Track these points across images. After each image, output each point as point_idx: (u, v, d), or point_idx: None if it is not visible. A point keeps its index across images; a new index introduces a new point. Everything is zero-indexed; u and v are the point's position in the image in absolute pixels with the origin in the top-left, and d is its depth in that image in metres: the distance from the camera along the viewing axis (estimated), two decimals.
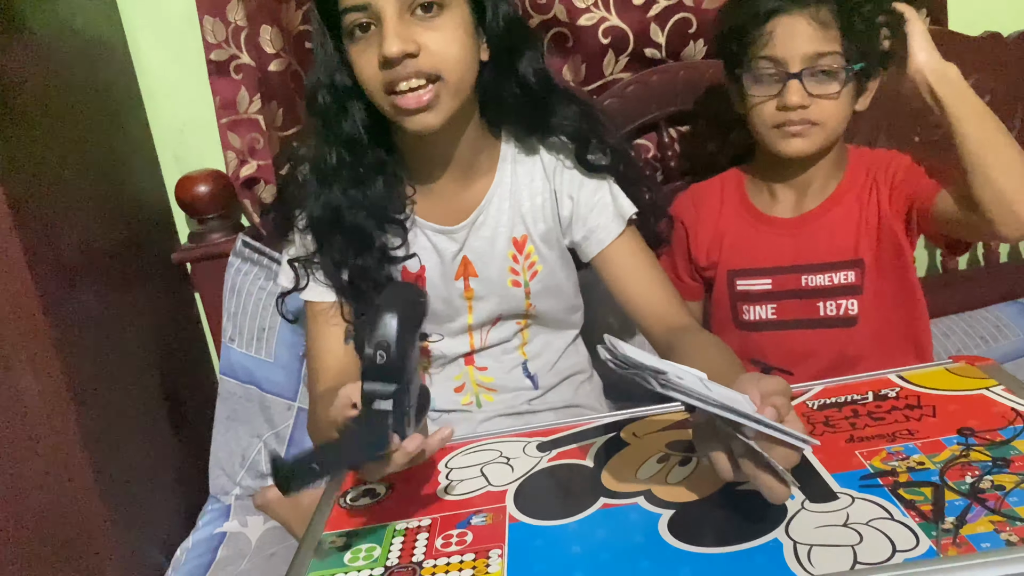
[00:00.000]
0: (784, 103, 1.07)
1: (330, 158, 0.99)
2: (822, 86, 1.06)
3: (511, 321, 1.10)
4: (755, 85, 1.10)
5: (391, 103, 0.92)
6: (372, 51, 0.90)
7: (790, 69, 1.06)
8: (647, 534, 0.70)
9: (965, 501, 0.67)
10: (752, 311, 1.20)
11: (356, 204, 0.99)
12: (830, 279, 1.15)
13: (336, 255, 1.01)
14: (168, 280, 1.52)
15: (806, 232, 1.17)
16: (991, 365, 0.90)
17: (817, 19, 1.04)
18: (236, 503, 1.38)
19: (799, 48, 1.05)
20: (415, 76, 0.90)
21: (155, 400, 1.41)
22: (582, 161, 1.04)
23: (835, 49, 1.05)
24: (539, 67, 1.01)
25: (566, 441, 0.89)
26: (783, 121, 1.08)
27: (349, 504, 0.84)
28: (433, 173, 1.03)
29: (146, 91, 1.52)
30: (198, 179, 1.45)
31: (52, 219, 1.18)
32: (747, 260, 1.20)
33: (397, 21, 0.88)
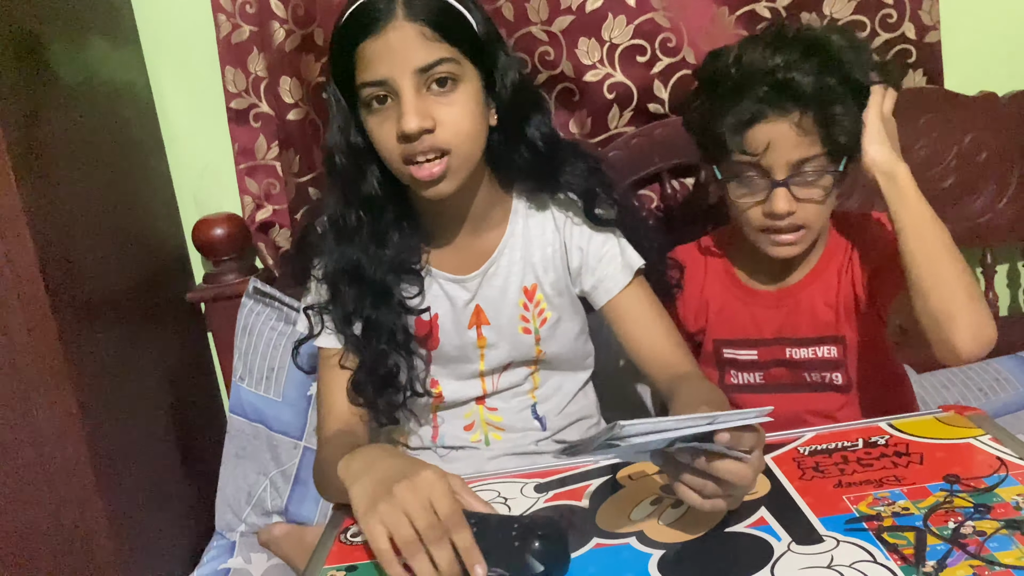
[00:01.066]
0: (771, 210, 1.03)
1: (349, 217, 1.02)
2: (808, 190, 1.03)
3: (522, 367, 1.13)
4: (739, 188, 1.06)
5: (408, 173, 0.95)
6: (390, 123, 0.93)
7: (775, 176, 1.02)
8: (638, 573, 0.72)
9: (947, 546, 0.69)
10: (740, 376, 1.20)
11: (375, 259, 1.03)
12: (814, 352, 1.15)
13: (351, 306, 1.03)
14: (182, 319, 1.56)
15: (789, 306, 1.15)
16: (979, 415, 0.92)
17: (800, 125, 1.00)
18: (241, 540, 1.39)
19: (784, 155, 1.01)
20: (430, 150, 0.93)
21: (165, 436, 1.44)
22: (590, 215, 1.07)
23: (818, 152, 1.01)
24: (547, 131, 1.04)
25: (563, 483, 0.91)
26: (770, 226, 1.06)
27: (350, 540, 0.86)
28: (447, 228, 1.07)
29: (168, 136, 1.58)
30: (215, 222, 1.50)
31: (74, 258, 1.22)
32: (733, 331, 1.19)
33: (415, 97, 0.91)
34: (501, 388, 1.13)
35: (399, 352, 1.05)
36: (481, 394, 1.12)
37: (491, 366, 1.11)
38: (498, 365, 1.11)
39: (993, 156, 1.51)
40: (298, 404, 1.42)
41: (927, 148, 1.50)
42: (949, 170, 1.52)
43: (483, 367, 1.11)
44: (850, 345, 1.14)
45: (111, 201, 1.37)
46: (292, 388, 1.43)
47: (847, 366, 1.14)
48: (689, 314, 1.22)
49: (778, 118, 1.00)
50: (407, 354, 1.06)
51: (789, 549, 0.72)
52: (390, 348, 1.04)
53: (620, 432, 0.70)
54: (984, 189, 1.53)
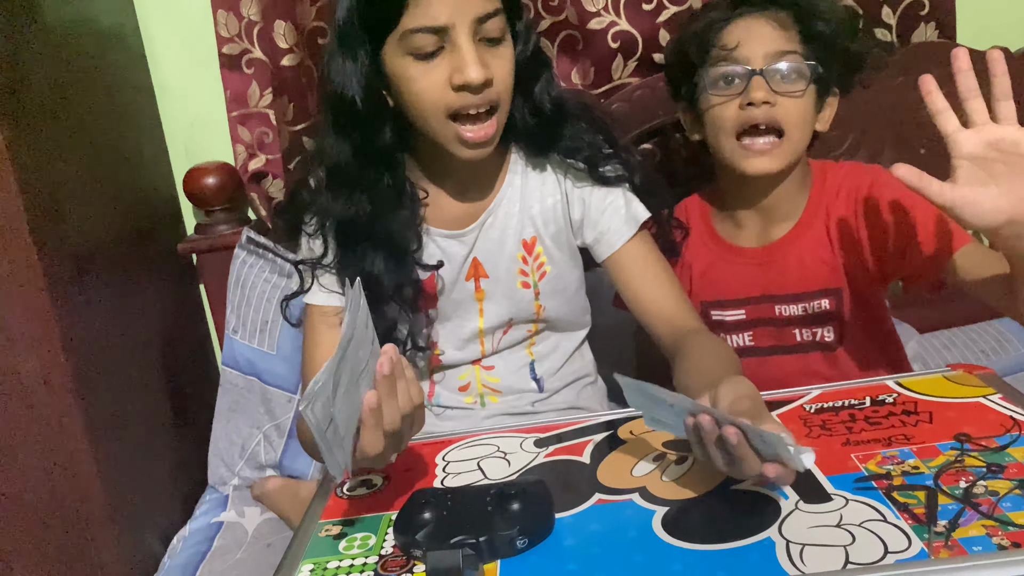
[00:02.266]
0: (749, 99, 1.03)
1: (367, 171, 0.98)
2: (786, 84, 1.04)
3: (522, 328, 1.11)
4: (716, 90, 1.07)
5: (454, 132, 0.92)
6: (438, 73, 0.89)
7: (752, 66, 1.04)
8: (641, 530, 0.70)
9: (958, 505, 0.67)
10: (730, 339, 1.18)
11: (391, 215, 1.00)
12: (804, 309, 1.13)
13: (363, 263, 1.00)
14: (174, 270, 1.53)
15: (776, 262, 1.13)
16: (989, 374, 0.90)
17: (777, 19, 1.04)
18: (234, 493, 1.38)
19: (761, 47, 1.04)
20: (484, 104, 0.90)
21: (157, 389, 1.42)
22: (594, 176, 1.05)
23: (796, 49, 1.04)
24: (554, 93, 1.01)
25: (563, 438, 0.90)
26: (747, 121, 1.04)
27: (346, 494, 0.84)
28: (445, 180, 1.04)
29: (158, 83, 1.53)
30: (207, 171, 1.46)
31: (61, 207, 1.19)
32: (719, 291, 1.17)
33: (474, 47, 0.88)
34: (501, 348, 1.11)
35: (404, 307, 1.03)
36: (479, 356, 1.10)
37: (491, 324, 1.08)
38: (498, 323, 1.09)
39: None
40: (292, 357, 1.40)
41: None
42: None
43: (483, 324, 1.08)
44: (843, 295, 1.12)
45: (99, 149, 1.33)
46: (286, 341, 1.41)
47: (840, 320, 1.12)
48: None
49: (755, 14, 1.05)
50: (413, 310, 1.03)
51: (797, 507, 0.70)
52: (396, 303, 1.02)
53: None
54: None
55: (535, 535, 0.71)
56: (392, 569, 0.70)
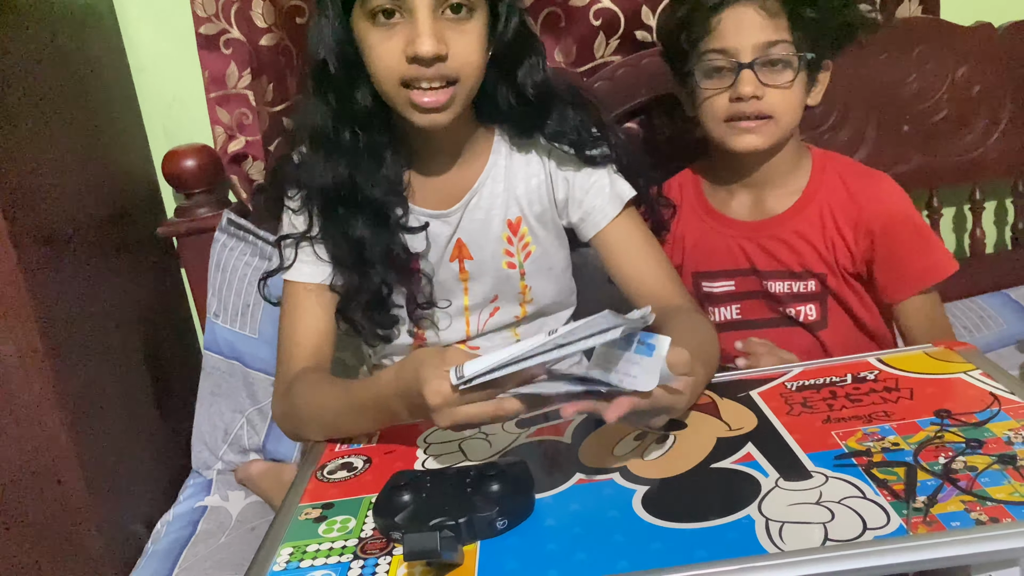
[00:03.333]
0: (737, 94, 1.04)
1: (342, 133, 0.97)
2: (774, 75, 1.04)
3: (509, 314, 1.10)
4: (706, 79, 1.08)
5: (405, 97, 0.91)
6: (395, 42, 0.88)
7: (741, 59, 1.04)
8: (621, 509, 0.70)
9: (937, 481, 0.67)
10: (718, 312, 1.19)
11: (371, 177, 0.98)
12: (790, 287, 1.14)
13: (344, 228, 0.99)
14: (154, 254, 1.51)
15: (766, 239, 1.14)
16: (970, 350, 0.90)
17: (765, 8, 1.03)
18: (218, 477, 1.38)
19: (749, 38, 1.03)
20: (437, 78, 0.89)
21: (138, 373, 1.41)
22: (580, 157, 1.04)
23: (785, 38, 1.03)
24: (539, 78, 1.00)
25: (546, 418, 0.89)
26: (736, 113, 1.06)
27: (326, 477, 0.84)
28: (427, 158, 1.03)
29: (135, 64, 1.51)
30: (185, 153, 1.44)
31: (35, 188, 1.17)
32: (709, 262, 1.18)
33: (431, 19, 0.87)
34: (488, 330, 1.10)
35: (397, 272, 1.02)
36: (464, 336, 1.10)
37: (476, 301, 1.08)
38: (483, 300, 1.08)
39: (986, 90, 1.48)
40: (275, 341, 1.37)
41: (919, 81, 1.47)
42: (941, 104, 1.49)
43: (467, 302, 1.08)
44: (829, 280, 1.12)
45: (75, 131, 1.31)
46: (268, 324, 1.39)
47: (823, 301, 1.13)
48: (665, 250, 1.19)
49: (744, 2, 1.04)
50: (402, 273, 1.02)
51: (777, 485, 0.70)
52: (386, 268, 1.01)
53: (462, 375, 0.71)
54: (975, 124, 1.51)
55: (515, 516, 0.70)
56: (372, 552, 0.70)
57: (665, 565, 0.62)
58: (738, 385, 0.90)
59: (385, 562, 0.68)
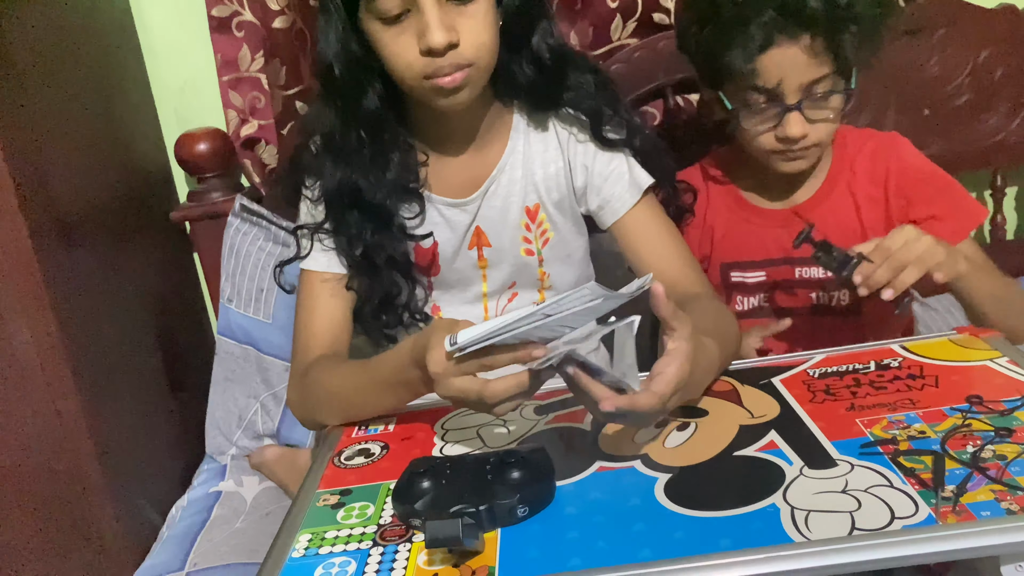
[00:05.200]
0: (785, 135, 1.01)
1: (348, 137, 0.97)
2: (820, 111, 1.01)
3: (528, 298, 1.09)
4: (748, 113, 1.04)
5: (430, 87, 0.90)
6: (407, 37, 0.87)
7: (788, 101, 1.00)
8: (643, 497, 0.69)
9: (966, 470, 0.66)
10: (746, 301, 1.17)
11: (375, 183, 0.98)
12: (825, 272, 1.10)
13: (353, 231, 0.99)
14: (167, 239, 1.51)
15: (799, 224, 1.10)
16: (995, 337, 0.89)
17: (811, 48, 0.97)
18: (232, 463, 1.38)
19: (795, 79, 0.99)
20: (453, 67, 0.88)
21: (152, 359, 1.40)
22: (597, 136, 1.03)
23: (828, 72, 0.99)
24: (553, 42, 0.98)
25: (564, 405, 0.88)
26: (784, 150, 1.04)
27: (344, 463, 0.83)
28: (446, 144, 1.02)
29: (147, 47, 1.50)
30: (198, 137, 1.43)
31: (49, 173, 1.16)
32: (740, 253, 1.16)
33: (438, 9, 0.86)
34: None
35: (401, 277, 1.02)
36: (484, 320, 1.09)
37: (494, 287, 1.07)
38: (501, 287, 1.07)
39: (1009, 73, 1.46)
40: (288, 326, 1.35)
41: (940, 64, 1.45)
42: (963, 88, 1.47)
43: (486, 288, 1.07)
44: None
45: (88, 115, 1.31)
46: (282, 310, 1.39)
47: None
48: (693, 242, 1.17)
49: (788, 43, 0.97)
50: (409, 280, 1.02)
51: (801, 473, 0.69)
52: (391, 272, 1.00)
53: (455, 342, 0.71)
54: (998, 108, 1.48)
55: (536, 503, 0.70)
56: (391, 538, 0.69)
57: (689, 554, 0.61)
58: (759, 372, 0.89)
59: (405, 549, 0.67)
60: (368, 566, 0.66)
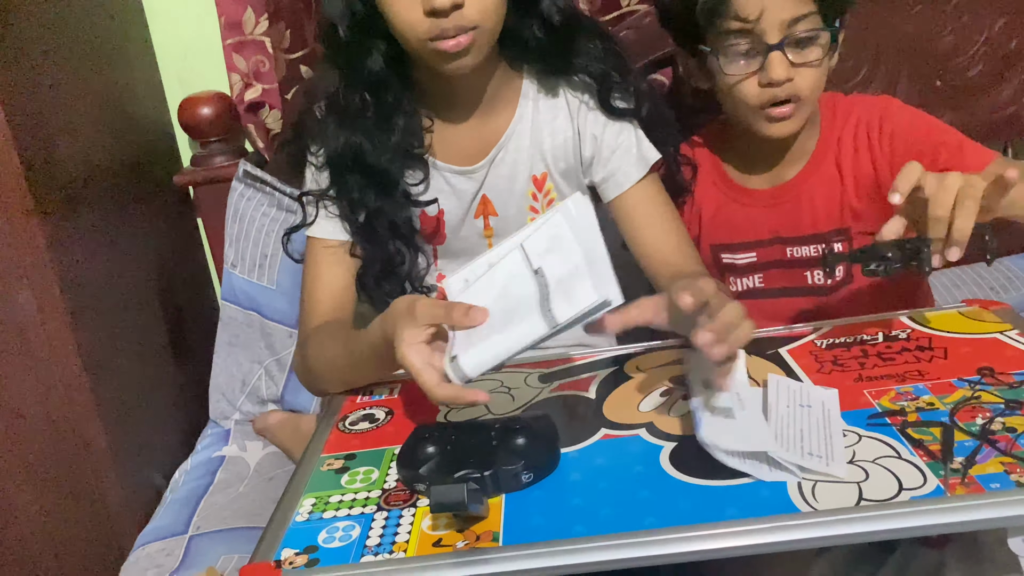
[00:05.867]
0: (769, 79, 0.96)
1: (352, 99, 0.95)
2: (804, 53, 0.97)
3: None
4: (729, 64, 0.99)
5: (432, 50, 0.88)
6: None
7: (768, 40, 0.95)
8: (648, 465, 0.69)
9: (975, 442, 0.66)
10: (739, 283, 1.15)
11: (379, 146, 0.97)
12: (816, 250, 1.09)
13: (356, 195, 0.98)
14: (170, 203, 1.50)
15: (786, 203, 1.09)
16: (1006, 309, 0.88)
17: None
18: (236, 428, 1.38)
19: (775, 15, 0.94)
20: (456, 29, 0.86)
21: (155, 323, 1.40)
22: (605, 104, 1.01)
23: (811, 10, 0.95)
24: (563, 3, 0.96)
25: (569, 373, 0.88)
26: (769, 99, 0.99)
27: (348, 428, 0.83)
28: (453, 109, 1.00)
29: (149, 10, 1.48)
30: (201, 101, 1.42)
31: (51, 137, 1.15)
32: (729, 234, 1.14)
33: None
34: None
35: (403, 244, 1.00)
36: None
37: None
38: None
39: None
40: (292, 292, 1.38)
41: (955, 34, 1.43)
42: (976, 58, 1.45)
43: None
44: (856, 234, 1.08)
45: (90, 78, 1.29)
46: (286, 276, 1.38)
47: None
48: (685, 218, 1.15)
49: None
50: (411, 248, 1.01)
51: None
52: (393, 239, 0.99)
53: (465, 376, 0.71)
54: (1012, 79, 1.46)
55: (540, 470, 0.69)
56: (395, 503, 0.69)
57: (694, 522, 0.61)
58: (767, 343, 0.88)
59: (409, 514, 0.67)
60: (372, 531, 0.66)
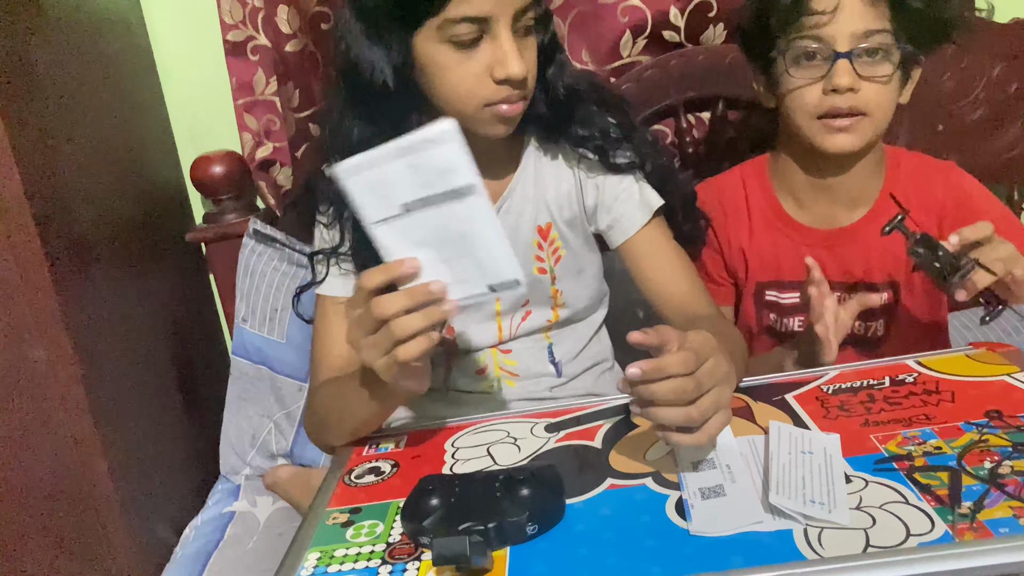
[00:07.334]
0: (832, 85, 0.97)
1: None
2: (873, 68, 0.97)
3: (541, 318, 1.09)
4: (795, 67, 1.00)
5: (489, 114, 0.90)
6: (474, 63, 0.87)
7: (838, 47, 0.96)
8: (654, 514, 0.69)
9: (983, 486, 0.65)
10: (780, 322, 1.14)
11: None
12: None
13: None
14: (182, 259, 1.52)
15: (842, 247, 1.09)
16: (1013, 351, 0.88)
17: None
18: (246, 483, 1.38)
19: (848, 24, 0.96)
20: (520, 97, 0.90)
21: (167, 378, 1.41)
22: (606, 162, 1.03)
23: (886, 27, 0.96)
24: (567, 79, 0.99)
25: (575, 423, 0.88)
26: (829, 108, 0.99)
27: (354, 482, 0.83)
28: None
29: (163, 71, 1.52)
30: (213, 159, 1.45)
31: (65, 195, 1.17)
32: (777, 271, 1.12)
33: (513, 40, 0.87)
34: (520, 335, 1.09)
35: None
36: (497, 341, 1.09)
37: (507, 305, 1.07)
38: (515, 304, 1.07)
39: None
40: (302, 346, 1.39)
41: (954, 79, 1.44)
42: (977, 102, 1.46)
43: (499, 307, 1.07)
44: (903, 289, 1.08)
45: (104, 137, 1.32)
46: (296, 330, 1.39)
47: (894, 315, 1.08)
48: (733, 252, 1.15)
49: None
50: None
51: None
52: None
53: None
54: (1013, 123, 1.47)
55: (545, 521, 0.69)
56: (400, 557, 0.68)
57: (700, 571, 0.60)
58: (772, 388, 0.88)
59: (413, 567, 0.67)
60: None
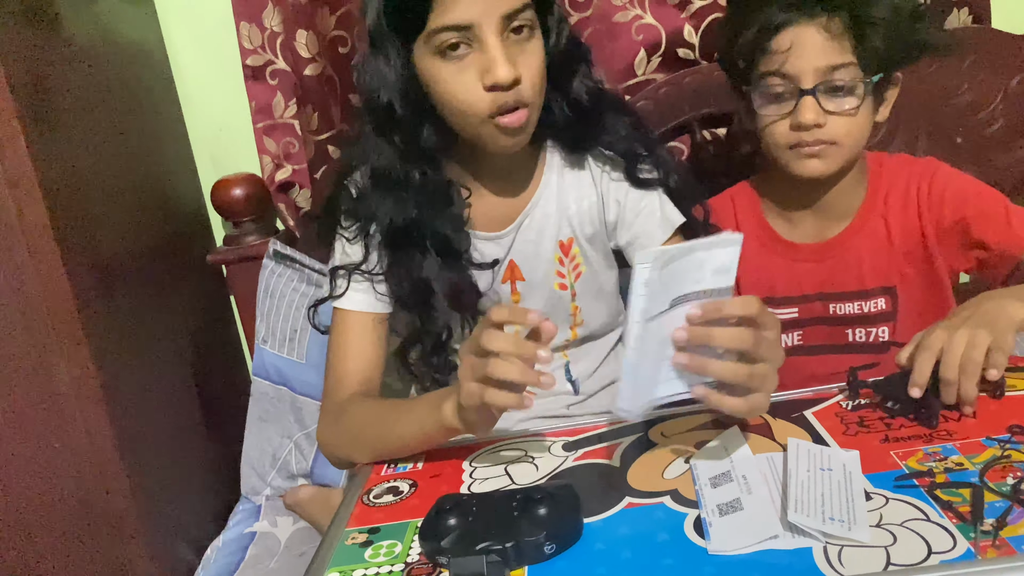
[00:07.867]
0: (797, 122, 0.98)
1: (411, 174, 0.96)
2: (838, 101, 0.97)
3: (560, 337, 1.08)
4: (765, 104, 1.01)
5: (495, 125, 0.90)
6: (469, 74, 0.87)
7: (802, 85, 0.97)
8: (672, 533, 0.68)
9: (1006, 503, 0.64)
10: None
11: (442, 216, 0.97)
12: (860, 307, 1.09)
13: (411, 268, 0.98)
14: (203, 281, 1.54)
15: (832, 259, 1.09)
16: None
17: (829, 29, 0.95)
18: (267, 503, 1.38)
19: (811, 61, 0.96)
20: (516, 102, 0.88)
21: (188, 400, 1.42)
22: (631, 176, 1.03)
23: (850, 60, 0.96)
24: (591, 85, 0.99)
25: (592, 441, 0.88)
26: (797, 141, 1.00)
27: (372, 501, 0.83)
28: (481, 179, 1.02)
29: (183, 95, 1.55)
30: (234, 183, 1.47)
31: (88, 218, 1.19)
32: (772, 288, 1.13)
33: (501, 44, 0.86)
34: None
35: (460, 310, 1.00)
36: None
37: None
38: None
39: None
40: (322, 366, 1.38)
41: (972, 91, 1.43)
42: (996, 114, 1.45)
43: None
44: (901, 293, 1.08)
45: (127, 161, 1.34)
46: (316, 350, 1.40)
47: (897, 318, 1.08)
48: None
49: (806, 22, 0.96)
50: (470, 313, 1.01)
51: None
52: (449, 308, 0.99)
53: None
54: None
55: (563, 540, 0.69)
56: None
57: None
58: (792, 405, 0.87)
59: None
60: None
